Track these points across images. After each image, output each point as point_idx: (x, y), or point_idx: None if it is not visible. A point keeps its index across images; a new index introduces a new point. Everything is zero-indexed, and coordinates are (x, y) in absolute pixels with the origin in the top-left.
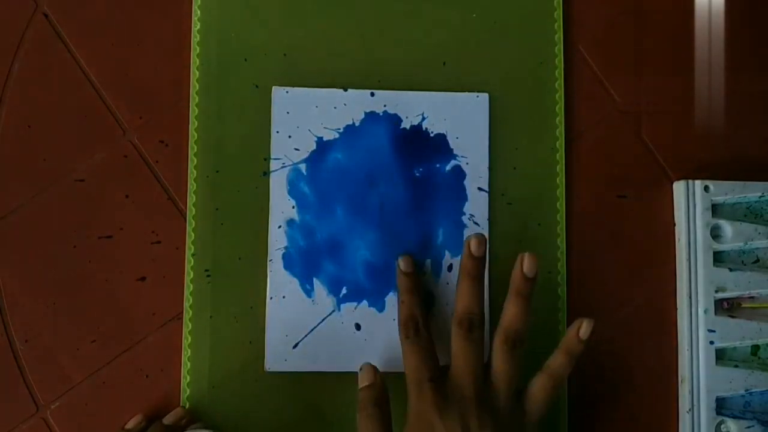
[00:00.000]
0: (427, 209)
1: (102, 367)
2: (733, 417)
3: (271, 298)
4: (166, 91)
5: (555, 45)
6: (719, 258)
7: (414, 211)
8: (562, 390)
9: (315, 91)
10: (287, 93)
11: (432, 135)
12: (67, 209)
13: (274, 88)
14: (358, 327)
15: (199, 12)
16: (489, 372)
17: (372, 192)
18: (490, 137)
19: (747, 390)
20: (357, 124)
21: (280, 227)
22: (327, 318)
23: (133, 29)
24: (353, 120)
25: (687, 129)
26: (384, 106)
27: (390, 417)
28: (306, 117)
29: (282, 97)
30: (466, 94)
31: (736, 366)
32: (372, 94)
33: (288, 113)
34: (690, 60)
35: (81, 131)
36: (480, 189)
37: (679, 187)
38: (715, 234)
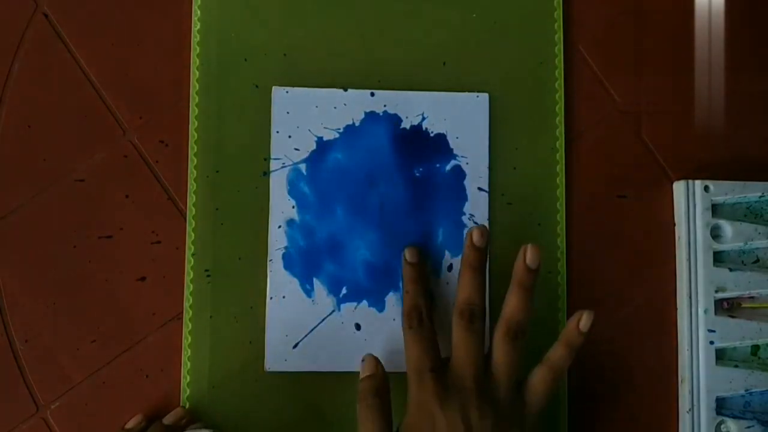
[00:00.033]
0: (427, 209)
1: (102, 367)
2: (733, 417)
3: (271, 298)
4: (166, 91)
5: (555, 45)
6: (719, 258)
7: (414, 211)
8: (562, 383)
9: (315, 91)
10: (287, 93)
11: (432, 135)
12: (67, 209)
13: (274, 88)
14: (358, 327)
15: (199, 12)
16: (490, 363)
17: (372, 192)
18: (490, 137)
19: (747, 390)
20: (357, 124)
21: (280, 227)
22: (327, 318)
23: (133, 29)
24: (353, 120)
25: (687, 129)
26: (384, 106)
27: (390, 408)
28: (306, 117)
29: (282, 97)
30: (466, 94)
31: (736, 366)
32: (372, 94)
33: (288, 113)
34: (690, 60)
35: (81, 131)
36: (480, 189)
37: (679, 187)
38: (715, 234)
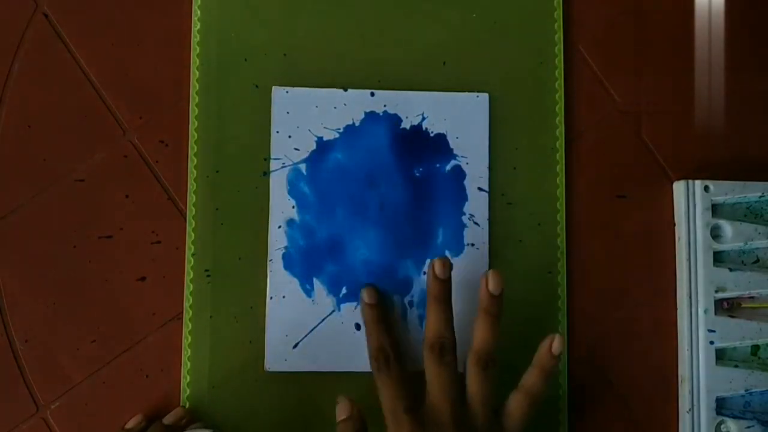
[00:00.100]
0: (427, 209)
1: (102, 367)
2: (733, 417)
3: (271, 298)
4: (166, 91)
5: (555, 45)
6: (719, 258)
7: (414, 211)
8: (539, 407)
9: (315, 91)
10: (287, 93)
11: (432, 135)
12: (67, 209)
13: (274, 88)
14: (358, 327)
15: (199, 12)
16: (465, 393)
17: (372, 192)
18: (490, 137)
19: (747, 390)
20: (357, 124)
21: (280, 227)
22: (327, 318)
23: (133, 29)
24: (353, 120)
25: (687, 129)
26: (384, 106)
27: None
28: (306, 117)
29: (282, 97)
30: (466, 94)
31: (736, 366)
32: (372, 94)
33: (288, 113)
34: (690, 60)
35: (81, 131)
36: (480, 189)
37: (679, 187)
38: (715, 234)
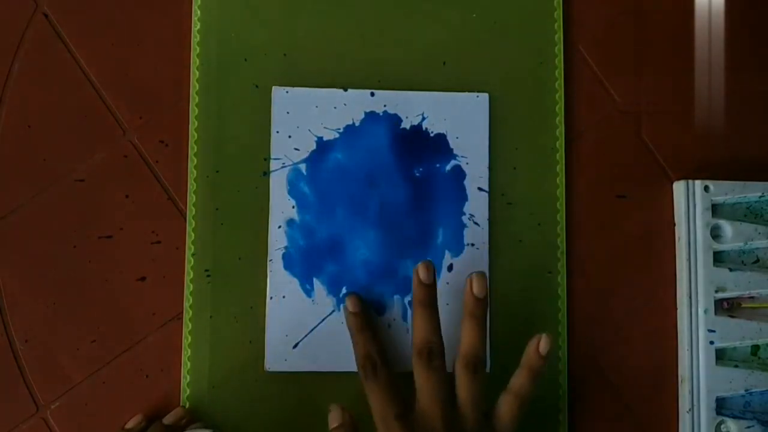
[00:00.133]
0: (427, 209)
1: (102, 367)
2: (733, 417)
3: (271, 298)
4: (166, 91)
5: (555, 45)
6: (719, 258)
7: (414, 211)
8: (528, 407)
9: (315, 91)
10: (287, 93)
11: (432, 135)
12: (67, 209)
13: (274, 88)
14: None
15: (199, 12)
16: (455, 397)
17: (372, 192)
18: (490, 137)
19: (747, 390)
20: (357, 124)
21: (280, 227)
22: (327, 318)
23: (133, 29)
24: (353, 120)
25: (687, 129)
26: (384, 106)
27: None
28: (306, 117)
29: (282, 97)
30: (466, 94)
31: (736, 366)
32: (372, 94)
33: (288, 113)
34: (690, 60)
35: (81, 131)
36: (480, 189)
37: (679, 187)
38: (715, 234)
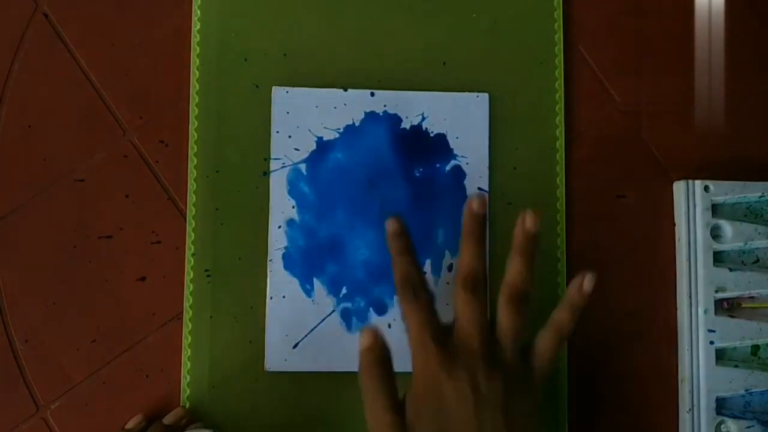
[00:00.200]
0: (427, 209)
1: (102, 367)
2: (733, 417)
3: (271, 298)
4: (166, 91)
5: (555, 45)
6: (719, 258)
7: (414, 211)
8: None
9: (315, 91)
10: (287, 93)
11: (432, 135)
12: (67, 209)
13: (274, 88)
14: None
15: (199, 12)
16: (494, 330)
17: (372, 192)
18: (490, 137)
19: (747, 390)
20: (357, 124)
21: (280, 227)
22: (327, 318)
23: (133, 29)
24: (353, 120)
25: (687, 129)
26: (384, 106)
27: (394, 377)
28: (306, 117)
29: (282, 97)
30: (466, 94)
31: (736, 366)
32: (372, 94)
33: (288, 113)
34: (690, 60)
35: (81, 131)
36: (480, 189)
37: (679, 187)
38: (715, 234)
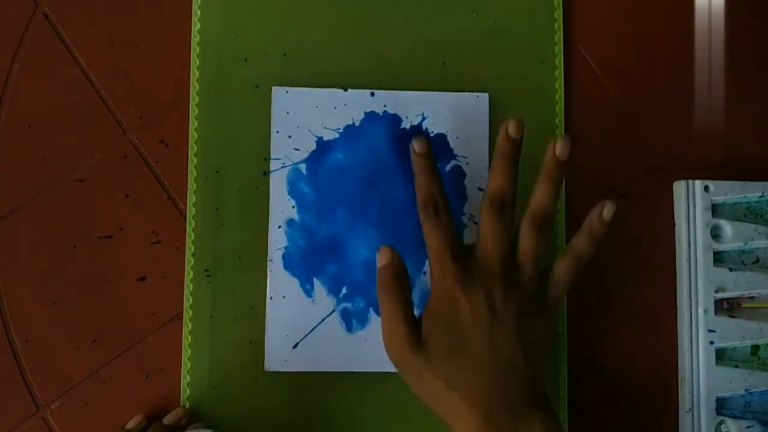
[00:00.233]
0: None
1: (102, 367)
2: (733, 417)
3: (271, 298)
4: (166, 91)
5: (555, 45)
6: (719, 258)
7: (414, 211)
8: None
9: (315, 91)
10: (287, 93)
11: (432, 135)
12: (67, 209)
13: (274, 88)
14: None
15: (199, 12)
16: (515, 252)
17: (372, 192)
18: (490, 137)
19: (747, 390)
20: (357, 124)
21: (280, 227)
22: (327, 318)
23: (133, 29)
24: (353, 120)
25: (687, 129)
26: (384, 106)
27: (410, 292)
28: (306, 117)
29: (282, 97)
30: (466, 94)
31: (736, 366)
32: (372, 94)
33: (288, 113)
34: (690, 60)
35: (81, 131)
36: (480, 189)
37: (679, 187)
38: (715, 234)
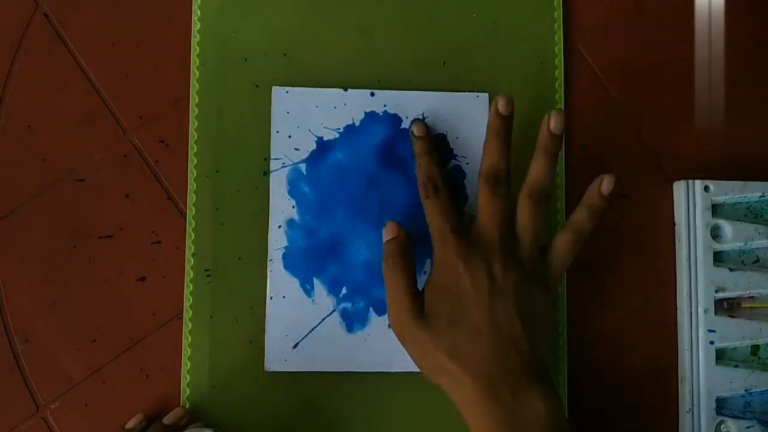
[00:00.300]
0: None
1: (102, 367)
2: (733, 417)
3: (271, 298)
4: (166, 91)
5: (555, 45)
6: (719, 258)
7: (414, 211)
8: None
9: (315, 91)
10: (287, 93)
11: (432, 135)
12: (67, 209)
13: (274, 88)
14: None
15: (199, 12)
16: (514, 227)
17: (372, 192)
18: None
19: (747, 390)
20: (357, 124)
21: (280, 227)
22: (327, 318)
23: (133, 29)
24: (353, 120)
25: (687, 129)
26: (384, 106)
27: (414, 267)
28: (306, 117)
29: (282, 97)
30: (466, 94)
31: (736, 366)
32: (372, 94)
33: (288, 113)
34: (690, 60)
35: (81, 131)
36: None
37: (679, 187)
38: (715, 234)
